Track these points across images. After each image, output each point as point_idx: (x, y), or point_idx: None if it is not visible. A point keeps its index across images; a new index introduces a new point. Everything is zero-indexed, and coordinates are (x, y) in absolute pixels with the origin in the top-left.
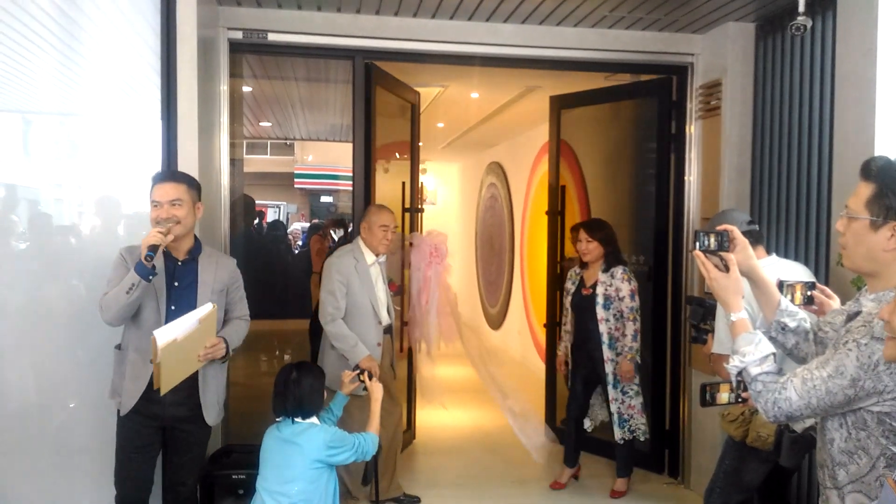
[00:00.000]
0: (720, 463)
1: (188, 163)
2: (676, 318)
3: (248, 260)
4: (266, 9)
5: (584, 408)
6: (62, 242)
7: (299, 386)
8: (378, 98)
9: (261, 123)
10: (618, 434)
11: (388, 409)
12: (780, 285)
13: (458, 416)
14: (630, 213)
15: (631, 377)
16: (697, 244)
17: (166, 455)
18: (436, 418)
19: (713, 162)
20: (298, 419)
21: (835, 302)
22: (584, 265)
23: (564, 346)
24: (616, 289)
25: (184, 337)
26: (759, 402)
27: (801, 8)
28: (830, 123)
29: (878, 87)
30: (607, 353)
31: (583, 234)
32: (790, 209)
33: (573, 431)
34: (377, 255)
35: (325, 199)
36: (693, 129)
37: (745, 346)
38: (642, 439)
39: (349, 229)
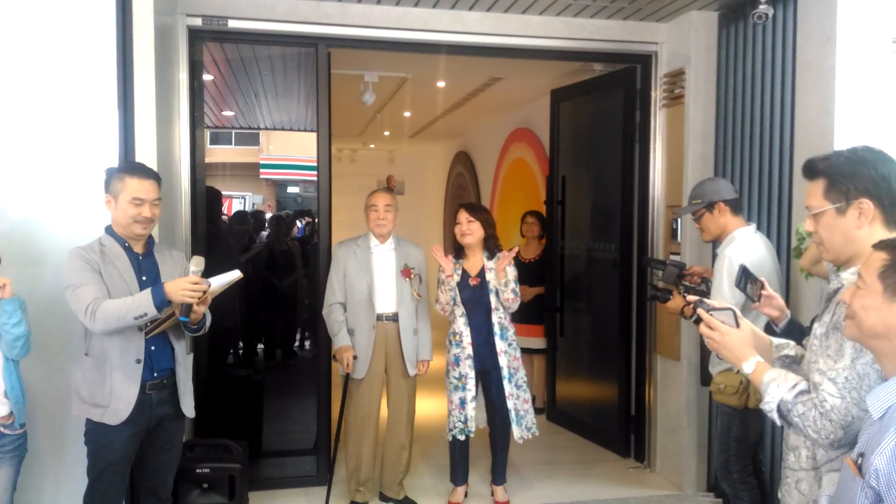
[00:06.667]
0: (726, 433)
1: (146, 153)
2: (642, 305)
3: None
4: None
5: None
6: (19, 234)
7: None
8: None
9: (223, 112)
10: (517, 433)
11: (395, 402)
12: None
13: (427, 407)
14: (596, 200)
15: (519, 366)
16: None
17: (145, 459)
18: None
19: (677, 150)
20: None
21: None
22: (459, 254)
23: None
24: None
25: (213, 289)
26: (808, 427)
27: None
28: (791, 111)
29: (837, 75)
30: (500, 345)
31: (464, 215)
32: (752, 196)
33: (466, 445)
34: (381, 241)
35: (291, 189)
36: (657, 118)
37: (772, 382)
38: (537, 434)
39: (315, 220)
